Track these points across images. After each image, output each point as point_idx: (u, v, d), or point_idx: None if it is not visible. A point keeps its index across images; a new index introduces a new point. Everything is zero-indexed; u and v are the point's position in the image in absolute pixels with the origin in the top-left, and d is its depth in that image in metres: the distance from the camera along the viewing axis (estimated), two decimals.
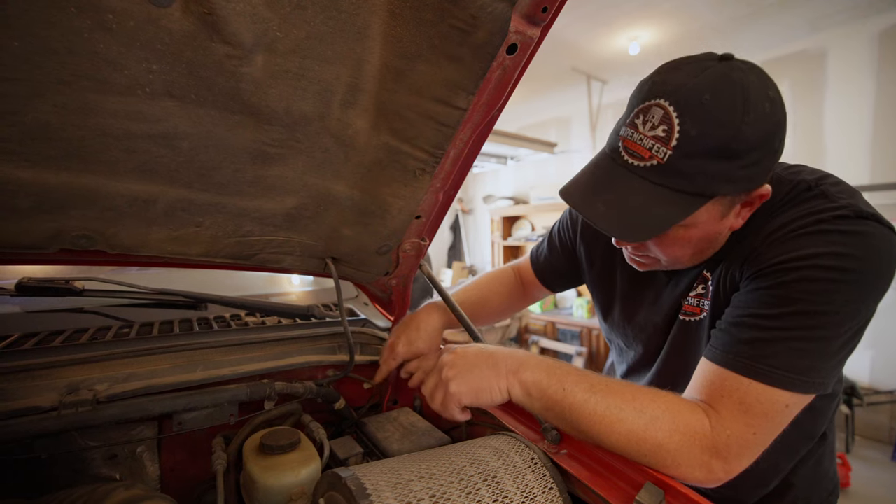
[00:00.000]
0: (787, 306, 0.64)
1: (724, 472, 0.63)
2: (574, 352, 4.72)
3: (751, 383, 0.63)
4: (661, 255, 0.77)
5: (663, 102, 0.63)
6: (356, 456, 0.84)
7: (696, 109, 0.60)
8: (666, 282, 0.91)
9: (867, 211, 0.65)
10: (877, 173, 3.50)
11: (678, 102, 0.61)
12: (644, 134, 0.64)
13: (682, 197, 0.64)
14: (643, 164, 0.65)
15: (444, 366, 0.73)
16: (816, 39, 3.70)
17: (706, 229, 0.71)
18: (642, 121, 0.65)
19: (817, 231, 0.65)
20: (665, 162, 0.63)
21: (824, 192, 0.69)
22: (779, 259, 0.66)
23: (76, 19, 0.45)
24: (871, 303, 0.65)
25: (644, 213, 0.65)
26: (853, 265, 0.62)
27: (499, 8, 0.55)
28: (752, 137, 0.61)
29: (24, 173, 0.59)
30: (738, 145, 0.61)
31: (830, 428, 0.91)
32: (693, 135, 0.61)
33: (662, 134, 0.62)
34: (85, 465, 0.78)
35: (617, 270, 1.01)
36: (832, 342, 0.63)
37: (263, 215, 0.82)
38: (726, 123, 0.60)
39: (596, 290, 1.07)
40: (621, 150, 0.68)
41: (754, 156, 0.62)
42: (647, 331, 0.95)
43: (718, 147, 0.61)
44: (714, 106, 0.60)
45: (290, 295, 1.45)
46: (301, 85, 0.60)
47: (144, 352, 0.88)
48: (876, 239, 0.63)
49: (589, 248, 1.06)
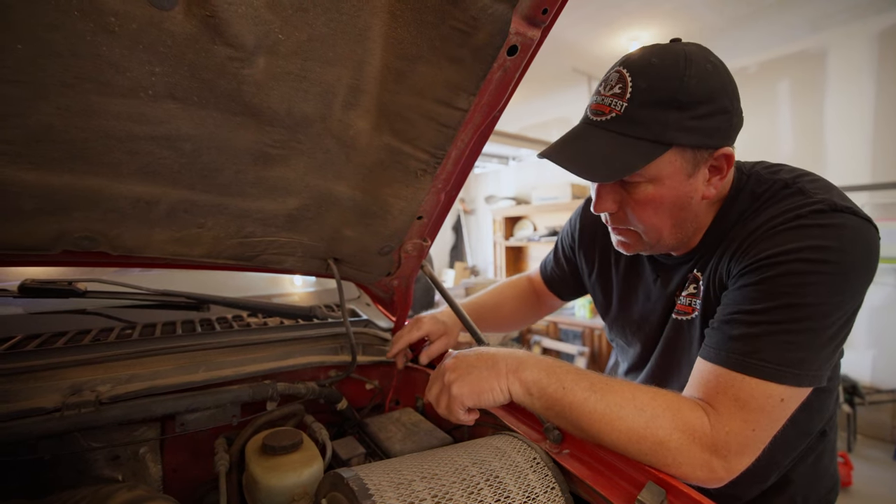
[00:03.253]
0: (773, 300, 0.66)
1: (726, 472, 0.63)
2: (576, 352, 4.72)
3: (744, 379, 0.64)
4: (638, 223, 0.79)
5: (619, 69, 0.73)
6: (358, 456, 0.84)
7: (645, 69, 0.70)
8: (654, 278, 0.94)
9: (842, 204, 0.68)
10: (877, 173, 3.50)
11: (630, 66, 0.72)
12: (605, 95, 0.74)
13: (643, 144, 0.71)
14: (605, 118, 0.73)
15: (447, 370, 0.74)
16: (817, 39, 3.69)
17: (675, 189, 0.74)
18: (603, 86, 0.75)
19: (797, 226, 0.68)
20: (622, 113, 0.71)
21: (801, 188, 0.73)
22: (762, 255, 0.69)
23: (79, 22, 0.46)
24: (856, 293, 0.67)
25: (610, 157, 0.72)
26: (834, 257, 0.64)
27: (499, 9, 0.55)
28: (697, 91, 0.68)
29: (28, 175, 0.59)
30: (683, 97, 0.68)
31: (831, 426, 0.91)
32: (643, 87, 0.69)
33: (618, 90, 0.72)
34: (88, 466, 0.78)
35: (612, 271, 1.04)
36: (820, 333, 0.65)
37: (265, 216, 0.82)
38: (671, 77, 0.69)
39: (595, 292, 1.11)
40: (588, 114, 0.76)
41: (703, 109, 0.69)
42: (644, 329, 0.98)
43: (667, 98, 0.69)
44: (660, 65, 0.70)
45: (293, 296, 1.45)
46: (303, 86, 0.61)
47: (147, 353, 0.88)
48: (853, 230, 0.66)
49: (587, 253, 1.10)
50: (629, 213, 0.79)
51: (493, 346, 0.81)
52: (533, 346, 5.12)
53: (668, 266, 0.91)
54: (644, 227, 0.79)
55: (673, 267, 0.90)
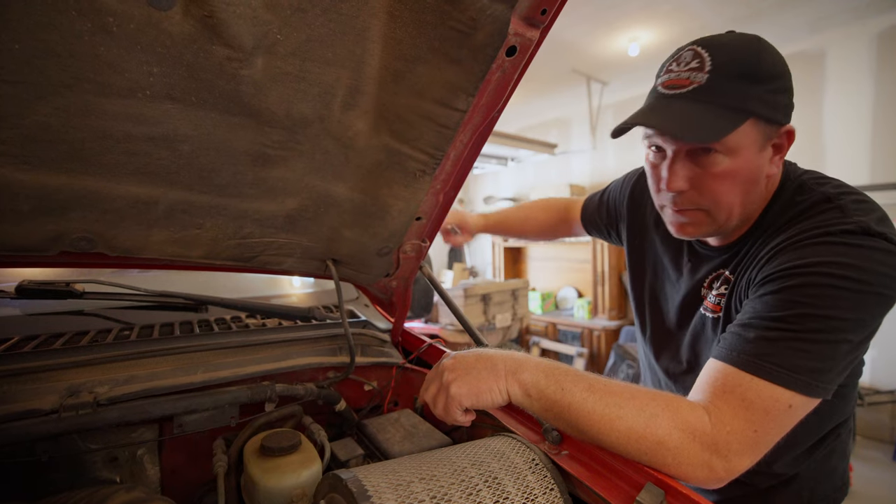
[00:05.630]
0: (791, 309, 0.66)
1: (726, 472, 0.62)
2: (575, 353, 4.72)
3: (753, 379, 0.64)
4: (711, 199, 0.78)
5: (693, 47, 0.75)
6: (357, 458, 0.84)
7: (720, 47, 0.73)
8: (686, 260, 0.97)
9: (876, 229, 0.68)
10: (876, 173, 3.51)
11: (704, 44, 0.74)
12: (680, 70, 0.75)
13: (727, 112, 0.72)
14: (686, 90, 0.74)
15: (445, 370, 0.74)
16: (815, 40, 3.70)
17: (749, 161, 0.75)
18: (676, 63, 0.76)
19: (823, 242, 0.69)
20: (704, 83, 0.72)
21: (841, 206, 0.73)
22: (784, 266, 0.70)
23: (77, 22, 0.46)
24: (874, 316, 0.67)
25: (699, 123, 0.72)
26: (856, 275, 0.65)
27: (498, 10, 0.55)
28: (771, 68, 0.73)
29: (25, 176, 0.59)
30: (760, 71, 0.72)
31: (846, 428, 0.92)
32: (723, 61, 0.72)
33: (696, 65, 0.73)
34: (85, 468, 0.78)
35: (648, 240, 1.08)
36: (834, 347, 0.65)
37: (264, 217, 0.82)
38: (748, 55, 0.72)
39: (630, 255, 1.15)
40: (663, 90, 0.77)
41: (776, 84, 0.73)
42: (666, 306, 1.02)
43: (746, 72, 0.71)
44: (735, 44, 0.73)
45: (291, 296, 1.45)
46: (301, 87, 0.60)
47: (145, 354, 0.88)
48: (881, 254, 0.66)
49: (631, 220, 1.14)
50: (703, 190, 0.78)
51: (491, 347, 0.80)
52: (532, 346, 5.12)
53: (702, 255, 0.93)
54: (717, 203, 0.78)
55: (706, 257, 0.92)
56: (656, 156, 0.83)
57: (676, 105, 0.74)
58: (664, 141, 0.79)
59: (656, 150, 0.83)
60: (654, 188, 0.86)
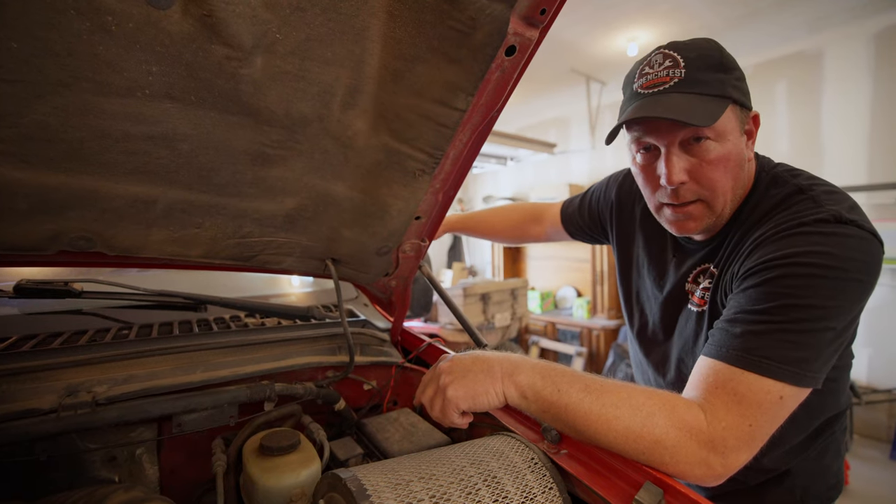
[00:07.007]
0: (774, 301, 0.68)
1: (723, 468, 0.63)
2: (574, 352, 4.72)
3: (742, 373, 0.65)
4: (709, 187, 0.80)
5: (661, 50, 0.80)
6: (356, 457, 0.84)
7: (685, 47, 0.79)
8: (671, 256, 0.97)
9: (848, 217, 0.70)
10: (874, 173, 3.51)
11: (670, 48, 0.79)
12: (657, 71, 0.79)
13: (711, 99, 0.76)
14: (668, 85, 0.78)
15: (441, 373, 0.74)
16: (814, 40, 3.71)
17: (735, 145, 0.79)
18: (649, 66, 0.81)
19: (799, 232, 0.71)
20: (684, 77, 0.77)
21: (814, 197, 0.76)
22: (764, 259, 0.72)
23: (76, 21, 0.45)
24: (856, 301, 0.68)
25: (693, 109, 0.75)
26: (834, 262, 0.66)
27: (497, 10, 0.55)
28: (731, 61, 0.80)
29: (23, 175, 0.59)
30: (725, 63, 0.78)
31: (840, 426, 0.93)
32: (693, 57, 0.77)
33: (670, 64, 0.78)
34: (84, 468, 0.78)
35: (637, 239, 1.10)
36: (819, 336, 0.66)
37: (263, 216, 0.82)
38: (711, 50, 0.79)
39: (618, 255, 1.17)
40: (644, 91, 0.80)
41: (738, 73, 0.80)
42: (653, 303, 1.04)
43: (714, 63, 0.78)
44: (696, 44, 0.80)
45: (290, 296, 1.45)
46: (300, 86, 0.60)
47: (144, 353, 0.88)
48: (855, 240, 0.69)
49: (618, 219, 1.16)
50: (700, 179, 0.80)
51: (489, 348, 0.81)
52: (531, 346, 5.12)
53: (686, 250, 0.95)
54: (714, 190, 0.81)
55: (690, 252, 0.94)
56: (646, 156, 0.85)
57: (665, 98, 0.77)
58: (657, 137, 0.80)
59: (645, 151, 0.84)
60: (650, 188, 0.86)
